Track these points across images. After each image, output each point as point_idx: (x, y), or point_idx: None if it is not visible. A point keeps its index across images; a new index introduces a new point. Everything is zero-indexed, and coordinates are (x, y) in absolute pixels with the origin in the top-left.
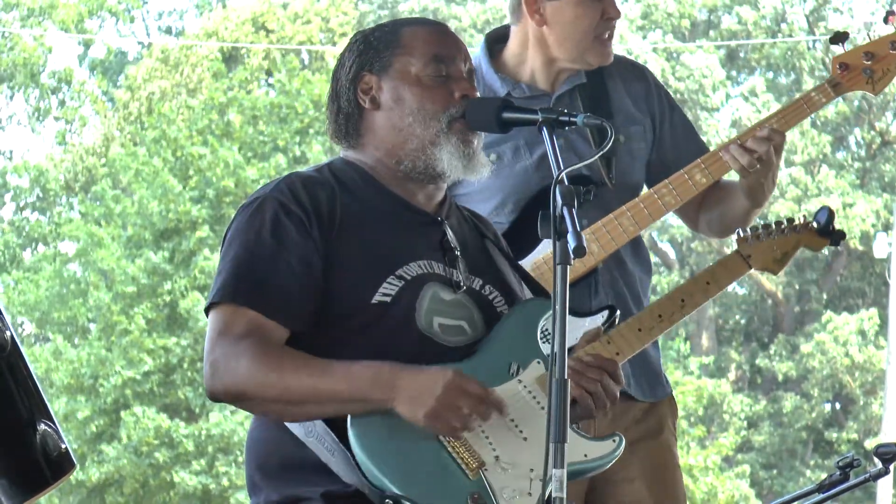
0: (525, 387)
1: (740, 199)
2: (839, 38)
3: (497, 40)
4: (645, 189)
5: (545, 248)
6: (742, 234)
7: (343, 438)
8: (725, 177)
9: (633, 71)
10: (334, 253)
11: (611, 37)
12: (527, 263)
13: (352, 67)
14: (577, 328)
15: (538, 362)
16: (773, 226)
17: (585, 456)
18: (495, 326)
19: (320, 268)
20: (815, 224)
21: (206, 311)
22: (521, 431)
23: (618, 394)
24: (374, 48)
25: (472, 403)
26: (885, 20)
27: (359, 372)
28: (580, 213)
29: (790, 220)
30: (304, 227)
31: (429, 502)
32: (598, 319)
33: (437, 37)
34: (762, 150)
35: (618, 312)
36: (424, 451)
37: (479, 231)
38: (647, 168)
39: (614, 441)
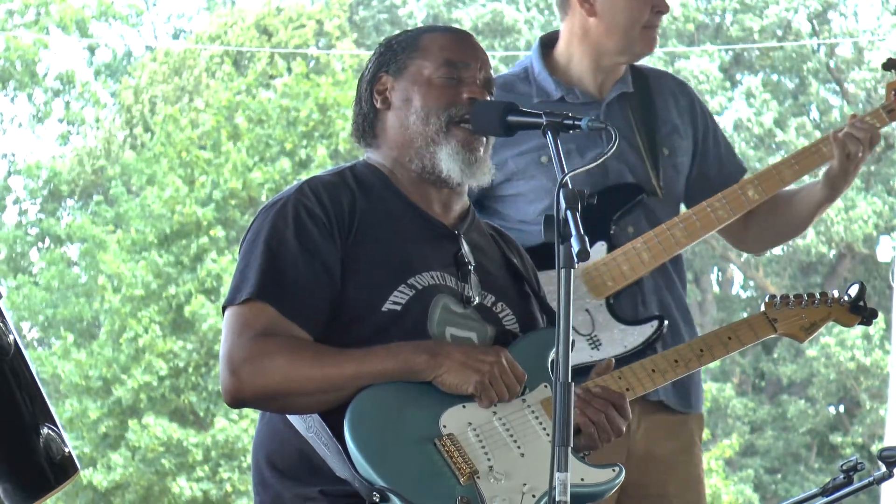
0: (529, 406)
1: (813, 196)
2: (892, 64)
3: (550, 43)
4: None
5: (595, 254)
6: (770, 299)
7: (337, 433)
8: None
9: (678, 87)
10: (350, 258)
11: (657, 27)
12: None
13: (371, 69)
14: (626, 336)
15: (545, 386)
16: (805, 296)
17: (582, 480)
18: (508, 347)
19: (339, 274)
20: (846, 298)
21: (223, 309)
22: (519, 447)
23: (623, 428)
24: (393, 51)
25: (512, 382)
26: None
27: (399, 347)
28: (627, 220)
29: (823, 294)
30: (327, 232)
31: (416, 499)
32: (647, 330)
33: (455, 43)
34: (864, 136)
35: (666, 323)
36: (418, 452)
37: (502, 250)
38: (689, 183)
39: (614, 470)
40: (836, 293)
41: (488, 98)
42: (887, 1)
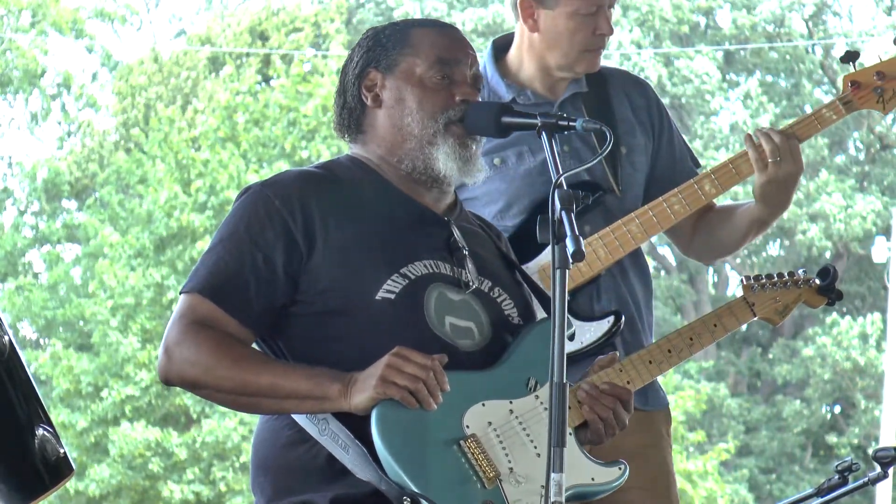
0: (541, 403)
1: (750, 212)
2: (850, 56)
3: (504, 46)
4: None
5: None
6: (747, 282)
7: (357, 434)
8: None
9: (637, 86)
10: (333, 252)
11: (601, 48)
12: (531, 267)
13: (359, 63)
14: (583, 332)
15: None
16: (777, 277)
17: (593, 479)
18: (515, 341)
19: (283, 269)
20: (817, 281)
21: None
22: (535, 447)
23: (627, 422)
24: (382, 45)
25: (416, 367)
26: None
27: (319, 371)
28: (584, 219)
29: (791, 274)
30: (285, 225)
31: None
32: (604, 325)
33: (446, 40)
34: (779, 141)
35: (623, 318)
36: (444, 455)
37: (491, 238)
38: (647, 182)
39: (619, 468)
40: (803, 273)
41: (478, 95)
42: (882, 1)
